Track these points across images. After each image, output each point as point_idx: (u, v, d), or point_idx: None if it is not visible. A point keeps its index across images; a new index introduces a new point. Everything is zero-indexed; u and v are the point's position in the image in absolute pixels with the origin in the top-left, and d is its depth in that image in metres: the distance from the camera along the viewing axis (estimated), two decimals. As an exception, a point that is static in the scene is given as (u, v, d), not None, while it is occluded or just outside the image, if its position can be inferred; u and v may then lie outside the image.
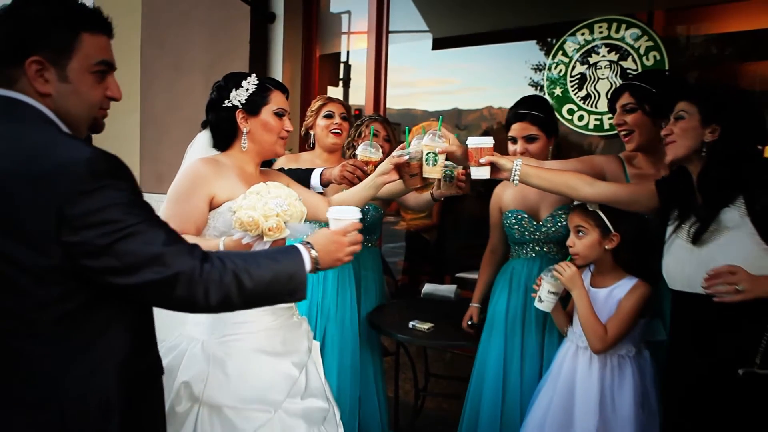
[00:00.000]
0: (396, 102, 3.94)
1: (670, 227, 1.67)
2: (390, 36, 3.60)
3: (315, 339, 1.92)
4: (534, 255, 2.25)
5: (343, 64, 4.12)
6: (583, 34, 2.91)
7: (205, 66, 3.66)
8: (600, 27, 2.86)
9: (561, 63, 2.98)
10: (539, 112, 2.21)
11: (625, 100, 1.96)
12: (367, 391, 2.59)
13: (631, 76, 2.38)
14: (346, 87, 4.24)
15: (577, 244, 1.89)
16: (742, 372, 1.45)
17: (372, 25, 3.58)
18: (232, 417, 1.60)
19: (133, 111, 4.02)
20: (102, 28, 1.16)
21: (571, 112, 2.94)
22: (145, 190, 1.16)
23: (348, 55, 4.12)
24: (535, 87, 3.32)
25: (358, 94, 3.88)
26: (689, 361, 1.59)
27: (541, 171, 1.79)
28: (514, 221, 2.26)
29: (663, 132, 1.63)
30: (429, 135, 1.80)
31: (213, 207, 1.67)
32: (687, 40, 3.05)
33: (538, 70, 3.33)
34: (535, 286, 1.95)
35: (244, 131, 1.74)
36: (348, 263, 1.44)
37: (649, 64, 2.73)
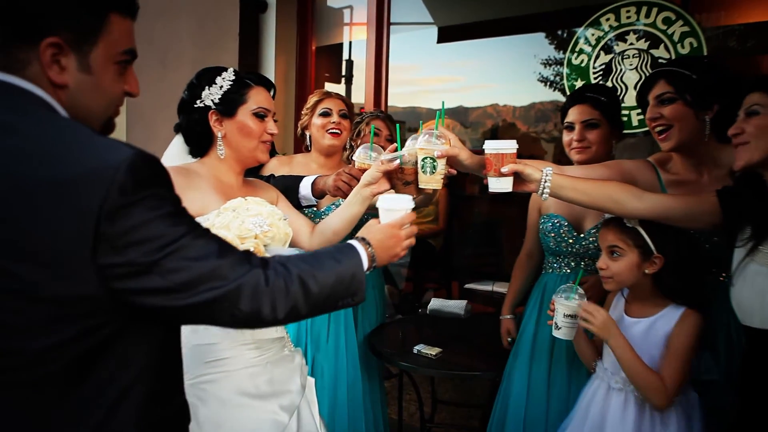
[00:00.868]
0: (401, 99, 3.74)
1: (741, 249, 1.38)
2: (392, 29, 3.47)
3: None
4: (569, 271, 1.97)
5: (345, 61, 3.93)
6: (608, 20, 2.71)
7: (192, 60, 3.46)
8: (627, 11, 2.66)
9: (583, 53, 2.81)
10: (604, 97, 1.96)
11: (660, 89, 1.66)
12: (366, 427, 2.32)
13: (665, 63, 2.09)
14: (349, 84, 4.03)
15: (611, 267, 1.61)
16: None
17: (372, 15, 3.47)
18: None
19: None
20: (131, 10, 0.99)
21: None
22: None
23: (350, 48, 3.91)
24: (545, 83, 3.18)
25: (361, 93, 3.72)
26: None
27: (577, 182, 1.51)
28: (551, 228, 1.97)
29: (732, 131, 1.35)
30: (424, 135, 1.49)
31: None
32: (728, 26, 2.86)
33: (547, 64, 3.20)
34: (549, 311, 1.68)
35: (219, 135, 1.57)
36: None
37: (684, 52, 2.52)
